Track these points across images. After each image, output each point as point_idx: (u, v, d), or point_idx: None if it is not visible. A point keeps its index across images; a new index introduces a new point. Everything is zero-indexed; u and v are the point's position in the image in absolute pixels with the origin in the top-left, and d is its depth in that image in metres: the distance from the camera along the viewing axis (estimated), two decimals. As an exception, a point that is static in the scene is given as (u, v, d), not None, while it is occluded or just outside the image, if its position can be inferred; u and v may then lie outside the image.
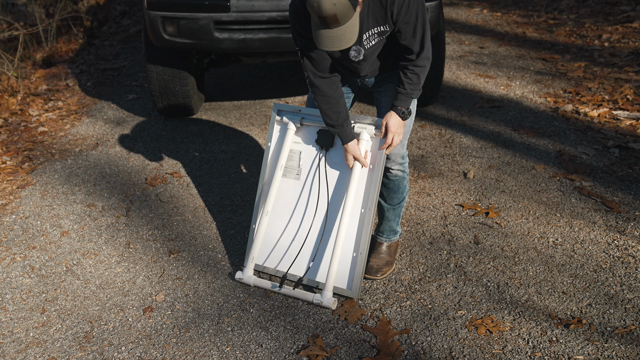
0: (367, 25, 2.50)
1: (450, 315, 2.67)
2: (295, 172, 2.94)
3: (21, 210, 3.64)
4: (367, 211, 2.77)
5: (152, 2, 3.94)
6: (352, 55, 2.60)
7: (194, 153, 4.28)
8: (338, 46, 2.33)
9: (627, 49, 5.85)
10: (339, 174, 2.85)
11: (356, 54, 2.59)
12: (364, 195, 2.78)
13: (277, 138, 3.00)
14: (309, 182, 2.92)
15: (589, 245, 3.09)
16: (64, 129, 4.80)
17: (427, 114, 4.73)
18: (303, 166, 2.92)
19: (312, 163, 2.91)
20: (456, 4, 8.25)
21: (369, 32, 2.52)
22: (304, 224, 2.92)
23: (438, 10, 4.01)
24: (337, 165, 2.85)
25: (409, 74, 2.56)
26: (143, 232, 3.39)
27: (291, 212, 2.95)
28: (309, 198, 2.91)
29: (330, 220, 2.85)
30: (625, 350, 2.43)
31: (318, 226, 2.88)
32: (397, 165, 2.81)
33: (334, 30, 2.28)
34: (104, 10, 8.47)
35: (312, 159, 2.91)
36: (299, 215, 2.94)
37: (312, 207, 2.90)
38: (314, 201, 2.90)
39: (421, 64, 2.56)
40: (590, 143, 4.11)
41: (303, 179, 2.93)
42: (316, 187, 2.89)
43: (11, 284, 3.00)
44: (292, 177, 2.95)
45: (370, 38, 2.54)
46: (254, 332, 2.63)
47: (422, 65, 2.56)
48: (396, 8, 2.42)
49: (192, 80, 4.56)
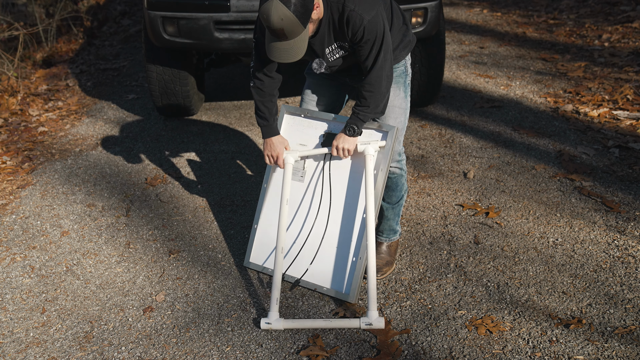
0: (329, 40, 2.58)
1: (450, 315, 2.67)
2: (300, 174, 2.93)
3: (21, 210, 3.64)
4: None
5: (152, 2, 3.94)
6: (313, 68, 2.71)
7: (194, 153, 4.28)
8: (286, 58, 2.43)
9: (627, 49, 5.85)
10: (343, 177, 2.84)
11: (317, 66, 2.70)
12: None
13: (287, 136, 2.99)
14: (313, 185, 2.91)
15: (589, 245, 3.09)
16: (64, 129, 4.80)
17: (427, 114, 4.73)
18: (307, 168, 2.91)
19: (316, 166, 2.90)
20: (456, 4, 8.25)
21: (331, 46, 2.61)
22: (305, 226, 2.91)
23: (438, 10, 4.00)
24: (342, 169, 2.84)
25: (363, 93, 2.61)
26: (143, 232, 3.39)
27: (296, 214, 2.94)
28: (312, 201, 2.90)
29: (332, 223, 2.84)
30: (625, 350, 2.43)
31: (319, 229, 2.87)
32: (394, 163, 2.82)
33: (282, 43, 2.39)
34: (104, 10, 8.47)
35: (317, 162, 2.90)
36: (299, 217, 2.93)
37: (314, 210, 2.89)
38: (316, 204, 2.89)
39: (369, 88, 2.57)
40: (590, 143, 4.12)
41: (307, 182, 2.92)
42: (319, 190, 2.88)
43: (11, 284, 3.00)
44: (297, 179, 2.94)
45: (334, 52, 2.62)
46: (254, 332, 2.63)
47: (370, 91, 2.58)
48: (351, 30, 2.49)
49: (192, 80, 4.56)
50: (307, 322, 2.60)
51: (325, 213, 2.85)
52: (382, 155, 2.74)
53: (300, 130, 2.92)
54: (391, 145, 2.71)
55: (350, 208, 2.81)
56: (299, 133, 2.92)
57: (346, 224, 2.81)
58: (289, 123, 2.97)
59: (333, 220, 2.84)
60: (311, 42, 2.56)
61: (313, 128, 2.90)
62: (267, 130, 2.80)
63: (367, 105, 2.61)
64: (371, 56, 2.53)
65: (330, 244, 2.83)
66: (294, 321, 2.60)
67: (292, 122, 2.96)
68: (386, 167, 2.74)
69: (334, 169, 2.85)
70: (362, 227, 2.77)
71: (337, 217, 2.84)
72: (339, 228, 2.82)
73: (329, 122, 2.86)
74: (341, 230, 2.81)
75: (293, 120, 2.95)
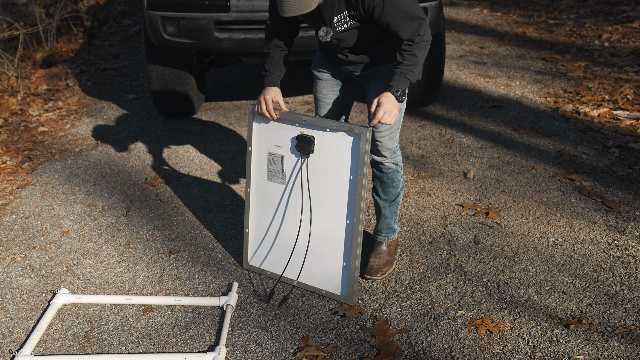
0: (339, 9, 2.51)
1: (451, 315, 2.67)
2: (280, 176, 2.86)
3: (21, 210, 3.64)
4: (355, 222, 2.67)
5: (152, 2, 3.94)
6: (320, 35, 2.63)
7: (194, 153, 4.28)
8: (298, 10, 2.35)
9: (627, 49, 5.85)
10: (321, 180, 2.74)
11: (324, 34, 2.61)
12: (347, 205, 2.68)
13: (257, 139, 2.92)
14: (292, 187, 2.84)
15: (589, 245, 3.09)
16: (64, 129, 4.80)
17: (427, 114, 4.73)
18: (287, 171, 2.83)
19: (294, 168, 2.81)
20: (456, 4, 8.25)
21: (340, 15, 2.52)
22: (294, 228, 2.87)
23: (438, 10, 4.00)
24: (319, 172, 2.74)
25: (405, 54, 2.48)
26: (143, 232, 3.39)
27: (282, 216, 2.91)
28: (295, 203, 2.85)
29: (315, 228, 2.80)
30: (625, 350, 2.43)
31: (304, 233, 2.83)
32: (389, 159, 2.80)
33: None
34: (104, 10, 8.48)
35: (294, 165, 2.80)
36: (287, 219, 2.89)
37: (298, 213, 2.84)
38: (299, 207, 2.83)
39: (418, 46, 2.47)
40: (590, 143, 4.12)
41: (287, 184, 2.86)
42: (299, 193, 2.82)
43: (11, 284, 3.00)
44: (278, 182, 2.88)
45: (342, 21, 2.54)
46: (254, 332, 2.63)
47: (419, 45, 2.47)
48: (367, 2, 2.42)
49: (192, 80, 4.56)
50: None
51: (308, 217, 2.80)
52: (361, 163, 2.61)
53: (273, 131, 2.82)
54: (367, 149, 2.57)
55: (333, 212, 2.74)
56: (271, 134, 2.82)
57: (332, 228, 2.75)
58: (259, 127, 2.87)
59: (317, 225, 2.78)
60: (321, 6, 2.51)
61: (284, 129, 2.78)
62: (266, 79, 2.75)
63: (414, 62, 2.45)
64: (401, 19, 2.42)
65: (319, 248, 2.80)
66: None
67: (262, 126, 2.85)
68: (364, 171, 2.59)
69: (311, 172, 2.75)
70: (348, 232, 2.71)
71: (320, 221, 2.78)
72: (324, 232, 2.77)
73: (299, 124, 2.73)
74: (327, 235, 2.77)
75: (262, 125, 2.85)
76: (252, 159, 2.92)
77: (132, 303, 2.80)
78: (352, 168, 2.63)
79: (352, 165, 2.63)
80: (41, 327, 2.64)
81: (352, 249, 2.70)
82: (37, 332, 2.61)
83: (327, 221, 2.76)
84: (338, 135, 2.63)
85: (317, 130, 2.69)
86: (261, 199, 2.95)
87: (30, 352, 2.50)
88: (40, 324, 2.65)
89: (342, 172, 2.67)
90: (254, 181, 2.95)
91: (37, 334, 2.60)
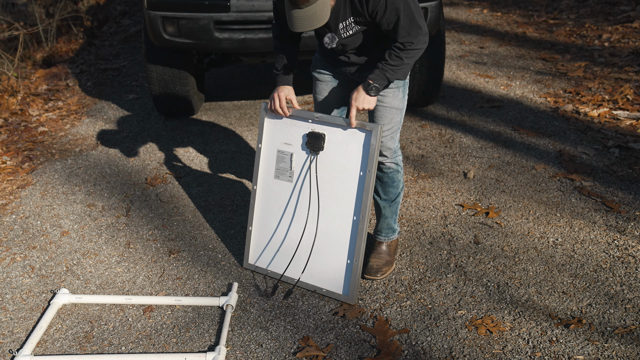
0: (345, 15, 2.50)
1: (451, 315, 2.67)
2: (288, 174, 2.88)
3: (21, 210, 3.64)
4: (361, 218, 2.70)
5: (152, 2, 3.94)
6: (325, 42, 2.62)
7: (194, 153, 4.28)
8: (309, 26, 2.33)
9: (627, 49, 5.85)
10: (329, 177, 2.77)
11: (329, 40, 2.61)
12: (355, 202, 2.71)
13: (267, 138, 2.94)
14: (301, 185, 2.86)
15: (589, 245, 3.09)
16: (64, 129, 4.80)
17: (427, 114, 4.73)
18: (295, 168, 2.86)
19: (303, 165, 2.84)
20: (456, 4, 8.25)
21: (346, 21, 2.52)
22: (298, 227, 2.88)
23: (438, 10, 4.00)
24: (328, 169, 2.77)
25: (393, 54, 2.49)
26: (143, 232, 3.39)
27: (287, 215, 2.92)
28: (302, 201, 2.87)
29: (321, 225, 2.81)
30: (625, 350, 2.43)
31: (310, 231, 2.84)
32: (390, 159, 2.80)
33: (304, 10, 2.29)
34: (104, 10, 8.48)
35: (303, 162, 2.84)
36: (292, 217, 2.90)
37: (304, 211, 2.86)
38: (306, 205, 2.85)
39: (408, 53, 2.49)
40: (590, 143, 4.12)
41: (295, 181, 2.88)
42: (307, 190, 2.84)
43: (11, 284, 3.00)
44: (285, 180, 2.90)
45: (347, 28, 2.54)
46: (254, 332, 2.63)
47: (409, 51, 2.48)
48: (371, 7, 2.42)
49: (192, 80, 4.56)
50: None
51: (315, 214, 2.82)
52: (370, 160, 2.66)
53: (284, 129, 2.85)
54: (377, 145, 2.62)
55: (340, 209, 2.76)
56: (282, 132, 2.86)
57: (338, 225, 2.77)
58: (270, 124, 2.90)
59: (323, 222, 2.80)
60: None
61: (296, 127, 2.82)
62: (278, 79, 2.74)
63: (399, 64, 2.47)
64: (401, 25, 2.42)
65: (324, 246, 2.81)
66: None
67: (273, 123, 2.89)
68: (373, 167, 2.65)
69: (320, 169, 2.79)
70: (354, 229, 2.74)
71: (327, 218, 2.80)
72: (331, 229, 2.79)
73: (312, 121, 2.78)
74: (333, 232, 2.78)
75: (274, 122, 2.89)
76: (260, 156, 2.94)
77: (132, 303, 2.81)
78: (362, 164, 2.69)
79: (363, 161, 2.68)
80: (41, 327, 2.64)
81: (356, 246, 2.72)
82: (37, 332, 2.61)
83: (334, 218, 2.77)
84: (349, 132, 2.68)
85: (329, 127, 2.73)
86: (267, 197, 2.96)
87: (30, 352, 2.50)
88: (40, 324, 2.66)
89: (351, 169, 2.71)
90: (261, 179, 2.97)
91: (37, 334, 2.60)
